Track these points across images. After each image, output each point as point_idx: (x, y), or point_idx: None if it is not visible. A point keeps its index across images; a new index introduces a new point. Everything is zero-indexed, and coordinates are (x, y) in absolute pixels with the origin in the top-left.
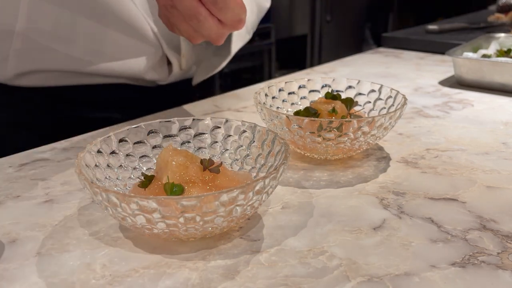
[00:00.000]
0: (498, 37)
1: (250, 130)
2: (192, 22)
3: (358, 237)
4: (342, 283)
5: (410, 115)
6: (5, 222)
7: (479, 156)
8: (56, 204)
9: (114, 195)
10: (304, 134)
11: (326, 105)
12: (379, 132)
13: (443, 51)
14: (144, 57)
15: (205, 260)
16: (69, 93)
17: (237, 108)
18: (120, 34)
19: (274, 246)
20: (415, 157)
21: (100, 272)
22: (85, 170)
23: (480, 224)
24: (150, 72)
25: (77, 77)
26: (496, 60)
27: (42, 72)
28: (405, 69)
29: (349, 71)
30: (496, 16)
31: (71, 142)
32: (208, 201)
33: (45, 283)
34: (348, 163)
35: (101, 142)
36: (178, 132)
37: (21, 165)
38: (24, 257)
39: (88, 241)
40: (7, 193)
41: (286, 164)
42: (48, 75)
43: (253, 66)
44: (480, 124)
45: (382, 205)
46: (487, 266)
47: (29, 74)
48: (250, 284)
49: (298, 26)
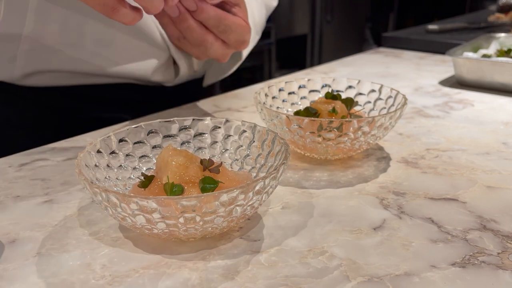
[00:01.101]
0: (498, 37)
1: (250, 130)
2: (200, 48)
3: (358, 237)
4: (342, 283)
5: (410, 115)
6: (5, 222)
7: (479, 156)
8: (56, 204)
9: (114, 195)
10: (304, 134)
11: (326, 105)
12: (379, 132)
13: (443, 51)
14: (151, 59)
15: (205, 260)
16: (76, 93)
17: (237, 108)
18: (128, 37)
19: (274, 246)
20: (415, 157)
21: (100, 272)
22: (85, 170)
23: (480, 224)
24: (156, 74)
25: (84, 77)
26: (496, 60)
27: (49, 73)
28: (405, 69)
29: (349, 71)
30: (496, 16)
31: (71, 142)
32: (208, 201)
33: (45, 283)
34: (348, 163)
35: (101, 142)
36: (178, 132)
37: (21, 165)
38: (24, 257)
39: (88, 241)
40: (7, 193)
41: (286, 164)
42: (56, 76)
43: (253, 66)
44: (480, 124)
45: (382, 205)
46: (487, 266)
47: (36, 74)
48: (250, 284)
49: (298, 26)
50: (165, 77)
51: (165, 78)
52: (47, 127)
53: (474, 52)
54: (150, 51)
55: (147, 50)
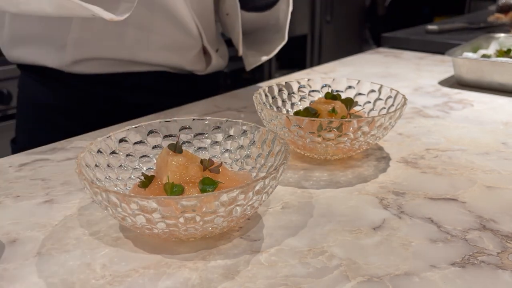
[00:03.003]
0: (498, 37)
1: (250, 130)
2: None
3: (358, 237)
4: (342, 283)
5: (410, 115)
6: (5, 222)
7: (479, 156)
8: (56, 204)
9: (114, 195)
10: (304, 134)
11: (326, 105)
12: (379, 132)
13: (443, 51)
14: (186, 48)
15: (205, 260)
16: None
17: (237, 108)
18: (167, 23)
19: (274, 246)
20: (415, 157)
21: (100, 272)
22: (85, 170)
23: (480, 224)
24: (190, 63)
25: (125, 64)
26: (496, 60)
27: (96, 60)
28: (405, 69)
29: (349, 71)
30: (496, 16)
31: (71, 142)
32: (208, 201)
33: (45, 283)
34: (348, 163)
35: (101, 142)
36: (178, 132)
37: (21, 165)
38: (24, 257)
39: (88, 241)
40: (7, 193)
41: (286, 164)
42: (101, 63)
43: None
44: (480, 124)
45: (382, 205)
46: (487, 266)
47: (83, 62)
48: (250, 284)
49: (298, 26)
50: (198, 66)
51: (197, 67)
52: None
53: (473, 52)
54: (185, 40)
55: (183, 38)
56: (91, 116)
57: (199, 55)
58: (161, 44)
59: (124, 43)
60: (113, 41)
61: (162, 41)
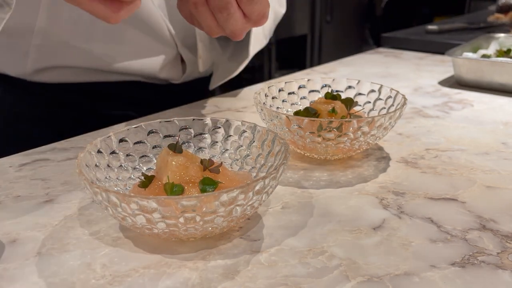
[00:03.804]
0: (498, 37)
1: (250, 130)
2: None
3: (358, 237)
4: (342, 283)
5: (410, 115)
6: (6, 222)
7: (479, 156)
8: (56, 204)
9: (114, 195)
10: (304, 134)
11: (326, 105)
12: (379, 132)
13: (443, 51)
14: (159, 56)
15: (205, 260)
16: (85, 90)
17: (237, 108)
18: (138, 32)
19: (274, 246)
20: (415, 157)
21: (100, 272)
22: (85, 170)
23: (480, 224)
24: (164, 71)
25: (94, 74)
26: (496, 60)
27: (60, 68)
28: (405, 69)
29: (349, 71)
30: (496, 16)
31: (71, 142)
32: (208, 201)
33: (45, 283)
34: (348, 163)
35: (101, 142)
36: (178, 132)
37: (21, 165)
38: (24, 257)
39: (88, 241)
40: (7, 193)
41: (286, 164)
42: (67, 71)
43: (253, 66)
44: (480, 124)
45: (382, 205)
46: (487, 266)
47: (48, 70)
48: (250, 284)
49: (298, 26)
50: (173, 75)
51: (172, 75)
52: (56, 123)
53: (473, 52)
54: (158, 48)
55: (155, 46)
56: (65, 124)
57: (174, 62)
58: (132, 52)
59: (92, 51)
60: (79, 49)
61: (133, 48)
